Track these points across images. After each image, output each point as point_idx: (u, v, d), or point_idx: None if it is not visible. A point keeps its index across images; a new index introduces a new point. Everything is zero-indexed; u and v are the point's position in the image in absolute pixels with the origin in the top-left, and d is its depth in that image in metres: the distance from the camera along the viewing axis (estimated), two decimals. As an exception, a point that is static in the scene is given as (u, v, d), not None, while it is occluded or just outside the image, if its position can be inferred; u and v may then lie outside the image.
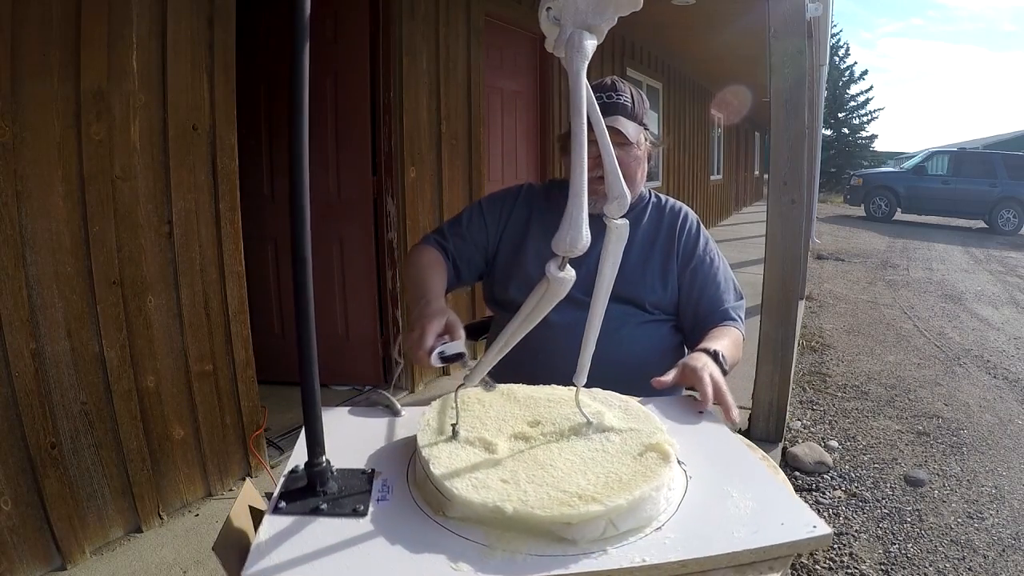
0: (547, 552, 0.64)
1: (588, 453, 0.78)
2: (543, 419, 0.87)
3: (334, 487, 0.72)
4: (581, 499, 0.67)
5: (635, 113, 1.31)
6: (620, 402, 0.93)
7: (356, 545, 0.64)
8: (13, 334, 1.55)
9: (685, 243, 1.37)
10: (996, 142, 22.94)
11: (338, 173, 2.95)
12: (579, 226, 0.69)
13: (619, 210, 0.78)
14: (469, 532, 0.67)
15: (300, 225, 0.67)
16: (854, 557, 2.05)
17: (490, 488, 0.70)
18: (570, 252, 0.70)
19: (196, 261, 2.01)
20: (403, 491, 0.75)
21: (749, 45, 5.82)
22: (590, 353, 0.87)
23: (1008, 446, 2.90)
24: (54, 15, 1.59)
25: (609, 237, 0.79)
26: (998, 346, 4.56)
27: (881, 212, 13.86)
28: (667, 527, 0.70)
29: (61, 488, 1.66)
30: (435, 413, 0.87)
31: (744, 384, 2.65)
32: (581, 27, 0.71)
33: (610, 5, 0.71)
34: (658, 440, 0.80)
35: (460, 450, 0.78)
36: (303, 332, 0.70)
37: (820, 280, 6.88)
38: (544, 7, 0.73)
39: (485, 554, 0.64)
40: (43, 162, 1.60)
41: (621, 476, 0.72)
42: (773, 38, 2.48)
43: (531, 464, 0.76)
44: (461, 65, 3.37)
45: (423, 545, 0.65)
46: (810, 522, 0.70)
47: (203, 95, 2.00)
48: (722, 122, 11.79)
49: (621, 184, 0.78)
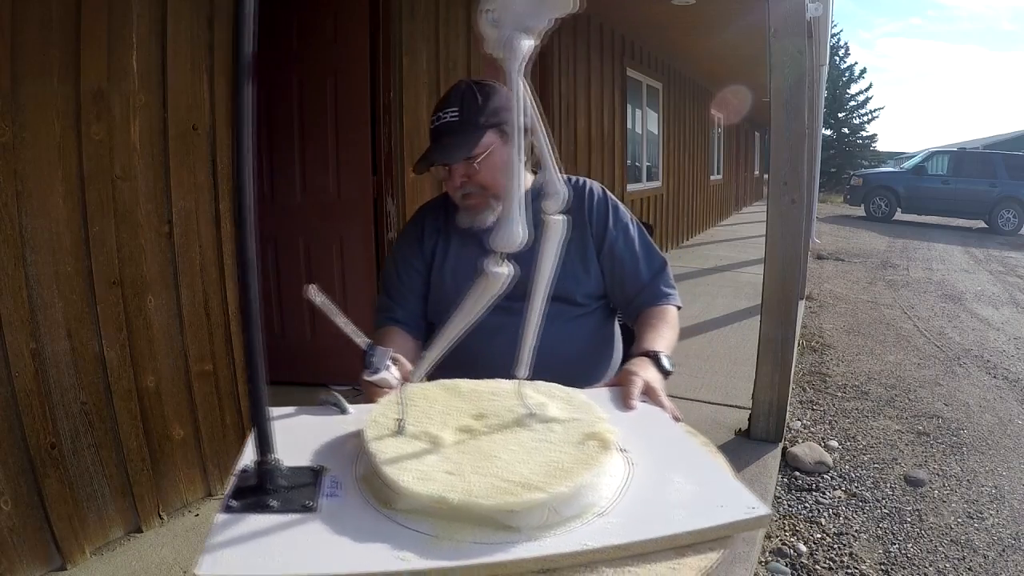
0: (491, 540, 0.66)
1: (531, 443, 0.80)
2: (487, 412, 0.89)
3: (284, 485, 0.74)
4: (523, 487, 0.69)
5: (473, 121, 1.21)
6: (563, 393, 0.95)
7: (305, 539, 0.66)
8: (13, 334, 1.55)
9: (596, 221, 1.31)
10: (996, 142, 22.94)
11: (338, 173, 2.95)
12: (515, 222, 0.72)
13: (556, 206, 0.81)
14: (416, 523, 0.69)
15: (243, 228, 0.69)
16: (854, 557, 2.05)
17: (435, 480, 0.71)
18: (507, 248, 0.72)
19: (196, 261, 2.01)
20: (352, 486, 0.77)
21: (749, 45, 5.82)
22: (529, 347, 0.88)
23: (1008, 446, 2.90)
24: (54, 15, 1.59)
25: (546, 234, 0.82)
26: (998, 346, 4.56)
27: (881, 212, 13.86)
28: (609, 513, 0.71)
29: (61, 488, 1.66)
30: (382, 409, 0.89)
31: (744, 384, 2.66)
32: (519, 29, 0.73)
33: (546, 7, 0.74)
34: (599, 429, 0.82)
35: (406, 444, 0.80)
36: (250, 337, 0.72)
37: (820, 280, 6.88)
38: (483, 9, 0.74)
39: (431, 543, 0.65)
40: (43, 162, 1.60)
41: (563, 464, 0.74)
42: (773, 38, 2.48)
43: (475, 455, 0.77)
44: (461, 65, 3.37)
45: (370, 536, 0.66)
46: (749, 503, 0.72)
47: (203, 95, 2.00)
48: (722, 122, 11.79)
49: (558, 182, 0.81)
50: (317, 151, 2.95)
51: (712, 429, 2.70)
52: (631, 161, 6.61)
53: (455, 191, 1.26)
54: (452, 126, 1.22)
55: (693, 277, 6.23)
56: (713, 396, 3.08)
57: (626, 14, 5.16)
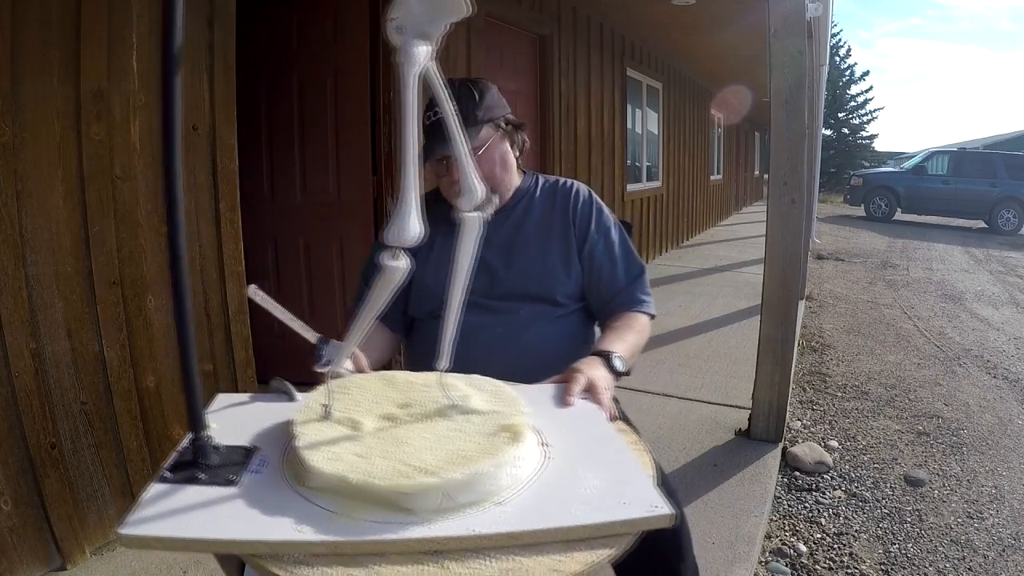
0: (386, 520, 0.70)
1: (445, 432, 0.83)
2: (413, 402, 0.93)
3: (216, 460, 0.80)
4: (420, 472, 0.72)
5: (469, 117, 1.23)
6: (492, 387, 0.97)
7: (221, 509, 0.72)
8: (13, 334, 1.56)
9: (580, 222, 1.33)
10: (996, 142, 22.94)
11: (338, 173, 2.95)
12: (405, 218, 0.75)
13: (469, 204, 0.85)
14: (322, 500, 0.73)
15: (175, 227, 0.76)
16: (854, 557, 2.05)
17: (343, 460, 0.76)
18: (397, 243, 0.76)
19: (196, 261, 2.01)
20: (277, 465, 0.82)
21: (749, 45, 5.82)
22: (449, 340, 0.92)
23: (1008, 446, 2.90)
24: (54, 15, 1.59)
25: (462, 230, 0.86)
26: (998, 346, 4.56)
27: (881, 212, 13.85)
28: (509, 502, 0.74)
29: (61, 488, 1.66)
30: (317, 396, 0.93)
31: (744, 384, 2.66)
32: (418, 35, 0.77)
33: (442, 12, 0.78)
34: (515, 422, 0.84)
35: (328, 428, 0.84)
36: (181, 325, 0.79)
37: (820, 280, 6.88)
38: (389, 18, 0.78)
39: (330, 519, 0.70)
40: (43, 162, 1.60)
41: (467, 453, 0.77)
42: (773, 38, 2.48)
43: (388, 441, 0.81)
44: (461, 65, 3.37)
45: (278, 510, 0.71)
46: (652, 503, 0.73)
47: (203, 95, 2.00)
48: (722, 122, 11.79)
49: (469, 180, 0.85)
50: (317, 151, 2.95)
51: (712, 429, 2.70)
52: (631, 161, 6.61)
53: (452, 185, 1.26)
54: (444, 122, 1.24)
55: (693, 277, 6.23)
56: (713, 396, 3.08)
57: (626, 14, 5.17)
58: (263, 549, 0.67)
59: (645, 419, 2.79)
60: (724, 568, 1.79)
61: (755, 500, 2.16)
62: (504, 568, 0.65)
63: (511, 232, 1.33)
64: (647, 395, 3.08)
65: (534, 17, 4.14)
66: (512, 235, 1.32)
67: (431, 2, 0.76)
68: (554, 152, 4.48)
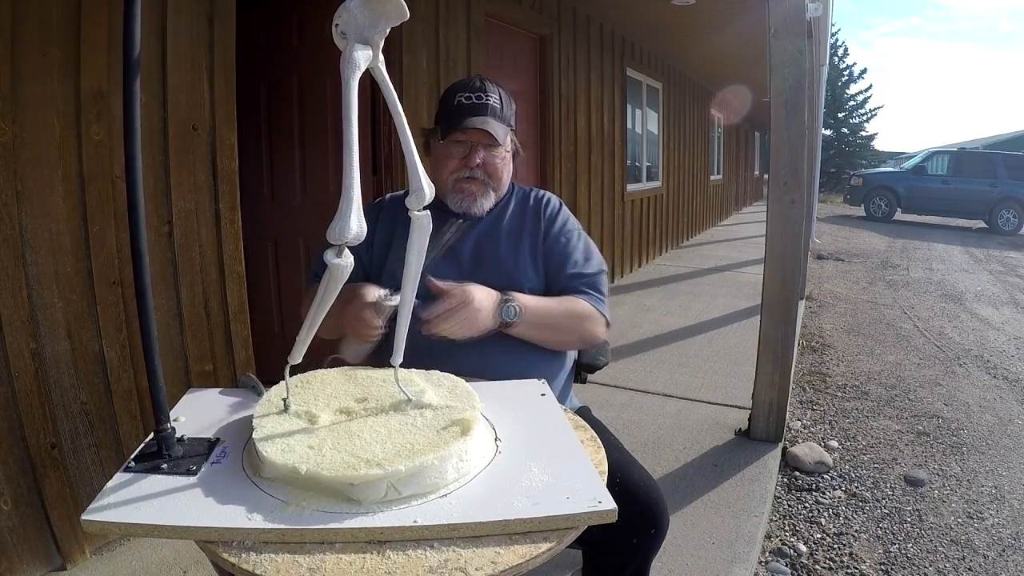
0: (333, 509, 0.73)
1: (397, 426, 0.85)
2: (370, 396, 0.95)
3: (179, 451, 0.84)
4: (367, 464, 0.75)
5: (503, 115, 1.32)
6: (450, 382, 1.00)
7: (176, 496, 0.76)
8: (13, 334, 1.55)
9: (547, 226, 1.39)
10: (996, 142, 22.93)
11: (338, 173, 2.95)
12: (347, 217, 0.77)
13: (418, 203, 0.88)
14: (275, 490, 0.76)
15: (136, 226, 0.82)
16: (854, 557, 2.05)
17: (295, 452, 0.79)
18: (339, 240, 0.77)
19: (196, 261, 2.01)
20: (237, 457, 0.85)
21: (749, 45, 5.81)
22: (403, 335, 0.95)
23: (1008, 446, 2.90)
24: (54, 15, 1.59)
25: (412, 228, 0.89)
26: (998, 346, 4.56)
27: (881, 212, 13.85)
28: (453, 494, 0.77)
29: (61, 488, 1.66)
30: (277, 391, 0.96)
31: (744, 384, 2.66)
32: (360, 40, 0.80)
33: (382, 17, 0.80)
34: (466, 416, 0.86)
35: (285, 421, 0.87)
36: (144, 320, 0.85)
37: (820, 280, 6.88)
38: (334, 23, 0.80)
39: (280, 508, 0.73)
40: (43, 162, 1.60)
41: (414, 446, 0.79)
42: (773, 38, 2.48)
43: (341, 434, 0.83)
44: (461, 65, 3.37)
45: (233, 499, 0.75)
46: (596, 498, 0.75)
47: (203, 95, 2.00)
48: (722, 122, 11.78)
49: (420, 178, 0.87)
50: (317, 151, 2.95)
51: (712, 429, 2.70)
52: (631, 161, 6.61)
53: (462, 170, 1.31)
54: (494, 110, 1.30)
55: (693, 277, 6.23)
56: (713, 396, 3.08)
57: (626, 14, 5.16)
58: (214, 535, 0.70)
59: (645, 419, 2.80)
60: (724, 568, 1.79)
61: (755, 500, 2.16)
62: (444, 559, 0.67)
63: (487, 229, 1.38)
64: (647, 395, 3.09)
65: (534, 17, 4.13)
66: (488, 232, 1.38)
67: (372, 8, 0.79)
68: (554, 152, 4.48)
